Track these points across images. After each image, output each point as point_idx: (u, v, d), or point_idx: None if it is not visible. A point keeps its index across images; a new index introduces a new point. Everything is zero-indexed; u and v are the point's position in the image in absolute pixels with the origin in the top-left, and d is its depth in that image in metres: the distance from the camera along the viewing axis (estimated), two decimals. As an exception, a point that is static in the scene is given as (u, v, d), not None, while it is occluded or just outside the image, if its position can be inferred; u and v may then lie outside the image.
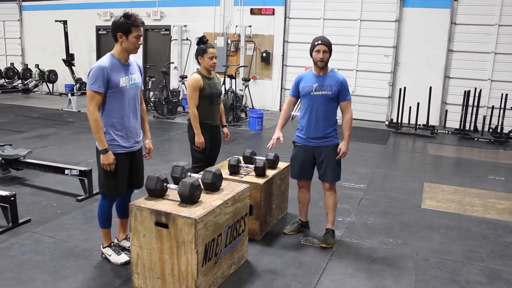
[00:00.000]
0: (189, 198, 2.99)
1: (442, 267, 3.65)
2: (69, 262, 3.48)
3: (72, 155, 6.74)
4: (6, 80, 14.76)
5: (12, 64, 15.22)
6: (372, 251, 3.91)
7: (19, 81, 14.75)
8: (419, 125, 10.10)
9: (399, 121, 10.17)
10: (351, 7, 11.28)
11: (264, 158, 4.33)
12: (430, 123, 10.22)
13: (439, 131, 10.09)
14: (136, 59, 3.51)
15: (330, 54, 3.82)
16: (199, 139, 4.24)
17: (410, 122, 10.22)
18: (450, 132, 10.00)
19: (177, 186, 3.11)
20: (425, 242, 4.12)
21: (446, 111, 10.54)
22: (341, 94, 3.83)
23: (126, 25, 3.17)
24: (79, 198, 4.86)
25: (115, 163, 3.25)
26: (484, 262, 3.76)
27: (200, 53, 4.26)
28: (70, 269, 3.38)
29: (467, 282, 3.42)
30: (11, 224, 4.06)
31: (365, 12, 11.19)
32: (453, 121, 10.34)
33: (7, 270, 3.33)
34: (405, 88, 10.18)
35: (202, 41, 4.31)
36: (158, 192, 3.12)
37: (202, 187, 3.27)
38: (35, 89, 14.56)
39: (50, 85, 14.77)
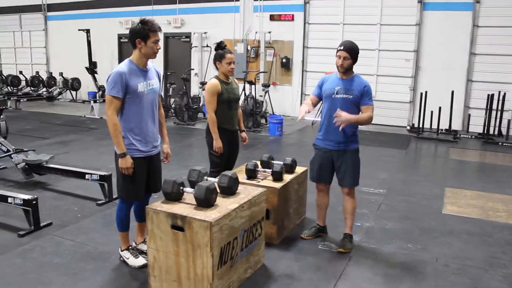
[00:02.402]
0: (205, 201, 3.01)
1: (463, 273, 3.56)
2: (88, 264, 3.54)
3: (93, 161, 6.87)
4: (32, 88, 15.13)
5: (37, 72, 15.63)
6: (390, 256, 3.86)
7: (44, 89, 15.09)
8: (441, 129, 9.93)
9: (421, 126, 10.01)
10: (371, 11, 11.18)
11: (282, 163, 4.32)
12: (453, 127, 10.03)
13: (462, 135, 9.89)
14: (154, 65, 3.57)
15: (354, 60, 3.78)
16: (217, 144, 4.26)
17: (432, 127, 10.05)
18: (473, 137, 9.79)
19: (193, 189, 3.14)
20: (445, 248, 4.04)
21: (469, 115, 10.32)
22: (362, 99, 3.78)
23: (144, 31, 3.23)
24: (99, 202, 4.94)
25: (133, 167, 3.30)
26: (507, 268, 3.67)
27: (218, 58, 4.29)
28: (89, 271, 3.43)
29: (488, 288, 3.34)
30: (33, 227, 4.15)
31: (385, 16, 11.07)
32: (477, 126, 10.08)
33: (28, 272, 3.41)
34: (426, 92, 10.01)
35: (220, 46, 4.34)
36: (174, 196, 3.15)
37: (218, 190, 3.28)
38: (59, 97, 14.88)
39: (73, 93, 15.07)
